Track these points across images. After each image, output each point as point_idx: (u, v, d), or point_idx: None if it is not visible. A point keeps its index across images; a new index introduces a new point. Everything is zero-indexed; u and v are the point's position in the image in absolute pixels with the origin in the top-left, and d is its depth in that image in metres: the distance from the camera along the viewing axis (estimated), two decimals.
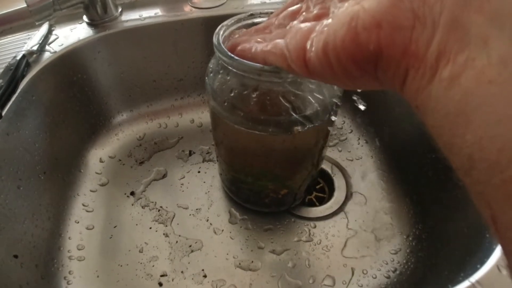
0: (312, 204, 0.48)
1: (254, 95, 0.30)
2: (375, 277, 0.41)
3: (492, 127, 0.12)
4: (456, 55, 0.13)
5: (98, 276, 0.42)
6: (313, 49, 0.19)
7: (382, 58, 0.16)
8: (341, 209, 0.47)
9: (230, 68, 0.29)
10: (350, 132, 0.56)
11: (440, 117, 0.14)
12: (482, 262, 0.29)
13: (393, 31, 0.15)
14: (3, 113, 0.40)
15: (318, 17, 0.22)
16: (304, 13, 0.25)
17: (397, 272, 0.42)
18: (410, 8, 0.15)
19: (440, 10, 0.14)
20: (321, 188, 0.51)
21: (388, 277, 0.41)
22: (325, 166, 0.52)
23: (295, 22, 0.25)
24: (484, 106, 0.12)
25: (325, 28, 0.19)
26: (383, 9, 0.15)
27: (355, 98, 0.34)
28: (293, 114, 0.29)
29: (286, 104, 0.29)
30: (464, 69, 0.13)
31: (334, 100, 0.31)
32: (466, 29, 0.13)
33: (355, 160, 0.53)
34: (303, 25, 0.22)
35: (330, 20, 0.19)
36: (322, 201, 0.49)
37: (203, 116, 0.59)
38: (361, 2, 0.17)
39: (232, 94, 0.31)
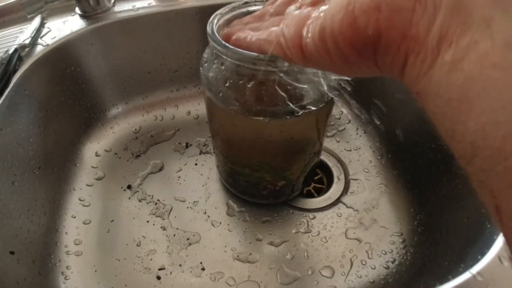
0: (310, 195, 0.48)
1: (249, 85, 0.29)
2: (374, 268, 0.41)
3: (496, 113, 0.12)
4: (458, 38, 0.13)
5: (96, 271, 0.42)
6: (309, 35, 0.19)
7: (381, 42, 0.16)
8: (339, 200, 0.47)
9: (225, 57, 0.28)
10: (348, 122, 0.56)
11: (442, 103, 0.14)
12: (482, 253, 0.29)
13: (392, 13, 0.15)
14: None
15: (315, 3, 0.22)
16: (300, 0, 0.24)
17: (396, 262, 0.42)
18: None
19: None
20: (319, 179, 0.50)
21: (387, 268, 0.41)
22: (324, 157, 0.51)
23: (291, 8, 0.24)
24: (488, 91, 0.12)
25: (322, 14, 0.18)
26: None
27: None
28: (290, 104, 0.29)
29: (282, 93, 0.28)
30: (466, 53, 0.13)
31: (332, 87, 0.30)
32: (469, 11, 0.13)
33: (353, 151, 0.52)
34: (299, 11, 0.21)
35: (327, 6, 0.18)
36: (320, 192, 0.48)
37: (199, 108, 0.58)
38: None
39: (227, 84, 0.30)
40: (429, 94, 0.15)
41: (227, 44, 0.27)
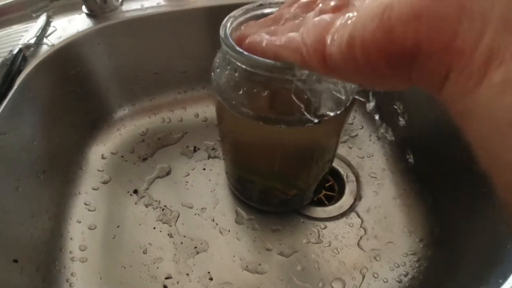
0: (321, 203, 0.47)
1: (264, 93, 0.28)
2: (386, 281, 0.40)
3: None
4: (510, 57, 0.12)
5: (101, 278, 0.41)
6: (335, 43, 0.17)
7: (420, 55, 0.14)
8: (351, 209, 0.46)
9: (239, 63, 0.27)
10: (361, 128, 0.54)
11: (489, 127, 0.13)
12: (505, 276, 0.27)
13: (435, 24, 0.13)
14: None
15: (338, 9, 0.20)
16: (320, 4, 0.23)
17: (409, 276, 0.40)
18: None
19: (491, 3, 0.12)
20: (330, 186, 0.49)
21: (400, 281, 0.40)
22: (335, 163, 0.50)
23: (310, 14, 0.23)
24: None
25: (349, 21, 0.17)
26: None
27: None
28: (306, 114, 0.27)
29: (299, 103, 0.27)
30: None
31: (352, 97, 0.29)
32: None
33: (366, 158, 0.51)
34: (321, 17, 0.20)
35: (355, 13, 0.17)
36: (331, 200, 0.47)
37: (208, 110, 0.57)
38: None
39: (240, 92, 0.29)
40: (473, 115, 0.13)
41: (241, 50, 0.26)
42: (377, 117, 0.36)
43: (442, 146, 0.42)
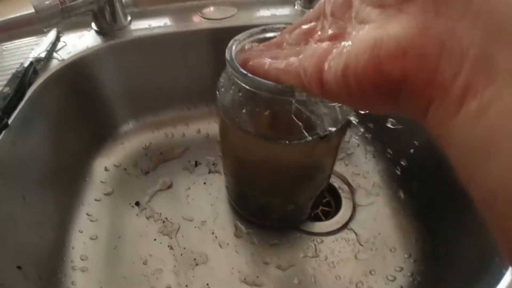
0: (318, 218, 0.48)
1: (266, 113, 0.29)
2: None
3: None
4: (483, 89, 0.13)
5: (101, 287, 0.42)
6: (331, 70, 0.19)
7: (405, 86, 0.16)
8: (347, 224, 0.47)
9: (243, 84, 0.28)
10: (357, 146, 0.56)
11: (464, 151, 0.14)
12: (491, 287, 0.29)
13: (419, 60, 0.15)
14: (10, 121, 0.39)
15: (335, 38, 0.22)
16: (319, 32, 0.24)
17: None
18: (437, 38, 0.14)
19: (469, 42, 0.14)
20: (327, 202, 0.50)
21: None
22: (332, 180, 0.51)
23: (310, 41, 0.24)
24: (511, 141, 0.12)
25: (345, 50, 0.18)
26: (409, 36, 0.15)
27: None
28: (305, 132, 0.29)
29: (298, 123, 0.28)
30: (491, 104, 0.13)
31: (348, 117, 0.31)
32: (495, 63, 0.13)
33: (361, 175, 0.52)
34: (319, 44, 0.21)
35: (349, 42, 0.18)
36: (328, 215, 0.48)
37: (210, 127, 0.59)
38: (384, 26, 0.17)
39: (243, 111, 0.31)
40: (451, 140, 0.15)
41: (245, 72, 0.27)
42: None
43: (434, 165, 0.43)
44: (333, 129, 0.29)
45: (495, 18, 0.13)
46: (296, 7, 0.55)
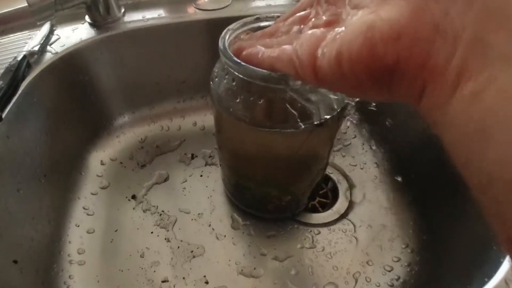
0: (315, 209, 0.48)
1: (260, 102, 0.29)
2: (379, 285, 0.41)
3: None
4: (478, 72, 0.13)
5: (98, 281, 0.42)
6: (325, 57, 0.18)
7: (399, 71, 0.16)
8: (344, 215, 0.47)
9: (236, 73, 0.28)
10: (354, 138, 0.56)
11: (459, 134, 0.14)
12: (489, 276, 0.29)
13: (412, 43, 0.15)
14: (3, 115, 0.39)
15: (329, 24, 0.22)
16: (313, 19, 0.24)
17: (401, 280, 0.41)
18: (431, 21, 0.14)
19: (462, 26, 0.13)
20: (324, 193, 0.50)
21: (392, 285, 0.41)
22: (329, 171, 0.51)
23: (304, 28, 0.24)
24: (506, 124, 0.12)
25: (338, 36, 0.18)
26: (402, 20, 0.15)
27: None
28: (299, 121, 0.29)
29: (292, 111, 0.28)
30: (486, 86, 0.13)
31: (343, 105, 0.30)
32: (489, 46, 0.13)
33: (358, 166, 0.52)
34: (313, 31, 0.21)
35: (343, 28, 0.18)
36: (325, 207, 0.48)
37: (206, 119, 0.58)
38: (377, 10, 0.16)
39: (237, 100, 0.30)
40: (446, 124, 0.15)
41: (239, 61, 0.27)
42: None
43: (431, 156, 0.43)
44: (328, 116, 0.28)
45: (489, 1, 0.13)
46: None
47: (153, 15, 0.52)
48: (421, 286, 0.39)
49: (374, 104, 0.50)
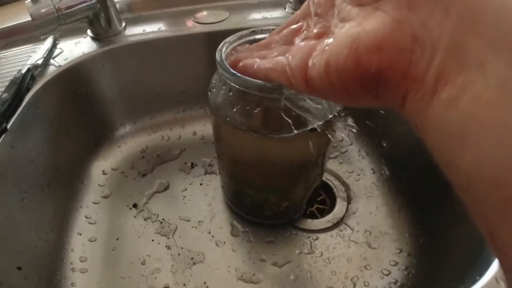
0: (313, 216, 0.48)
1: (256, 110, 0.30)
2: None
3: (489, 148, 0.13)
4: (454, 78, 0.14)
5: None
6: (315, 67, 0.19)
7: (383, 79, 0.17)
8: (342, 221, 0.48)
9: (233, 84, 0.29)
10: (351, 145, 0.57)
11: (439, 137, 0.15)
12: (481, 274, 0.29)
13: (393, 54, 0.16)
14: (8, 126, 0.40)
15: (319, 36, 0.23)
16: (305, 31, 0.25)
17: (399, 283, 0.42)
18: (410, 32, 0.15)
19: (439, 34, 0.14)
20: (322, 199, 0.51)
21: None
22: (326, 178, 0.52)
23: (296, 39, 0.25)
24: (481, 127, 0.13)
25: (327, 48, 0.19)
26: (384, 32, 0.16)
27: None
28: (294, 129, 0.30)
29: (287, 119, 0.29)
30: (462, 92, 0.14)
31: (336, 113, 0.31)
32: (465, 53, 0.14)
33: (355, 172, 0.53)
34: (304, 43, 0.22)
35: (331, 40, 0.19)
36: (323, 213, 0.49)
37: (205, 129, 0.60)
38: (362, 23, 0.17)
39: (234, 109, 0.32)
40: (427, 128, 0.16)
41: (235, 72, 0.28)
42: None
43: (426, 162, 0.44)
44: (320, 123, 0.29)
45: (466, 10, 0.14)
46: (286, 9, 0.56)
47: (153, 29, 0.54)
48: None
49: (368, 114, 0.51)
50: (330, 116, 0.31)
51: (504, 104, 0.13)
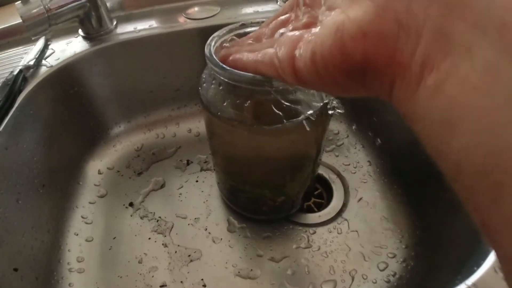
0: (310, 210, 0.48)
1: (246, 104, 0.30)
2: (375, 282, 0.41)
3: (477, 134, 0.12)
4: (440, 63, 0.13)
5: None
6: (301, 58, 0.19)
7: (369, 67, 0.16)
8: (339, 214, 0.47)
9: (222, 78, 0.29)
10: (346, 137, 0.56)
11: (427, 125, 0.15)
12: (478, 265, 0.29)
13: (378, 41, 0.15)
14: (1, 128, 0.40)
15: (307, 26, 0.22)
16: (293, 22, 0.25)
17: (397, 276, 0.42)
18: (394, 18, 0.15)
19: (423, 19, 0.14)
20: (319, 194, 0.51)
21: (388, 282, 0.41)
22: (323, 171, 0.52)
23: (284, 30, 0.25)
24: (468, 113, 0.13)
25: (312, 37, 0.19)
26: (368, 19, 0.16)
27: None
28: (285, 121, 0.29)
29: (278, 112, 0.29)
30: (448, 77, 0.13)
31: (328, 104, 0.31)
32: (450, 37, 0.13)
33: (352, 165, 0.53)
34: (291, 33, 0.22)
35: (317, 29, 0.19)
36: (320, 207, 0.49)
37: (200, 126, 0.59)
38: (346, 10, 0.17)
39: (225, 104, 0.31)
40: (414, 115, 0.15)
41: (224, 66, 0.28)
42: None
43: (423, 153, 0.44)
44: (310, 111, 0.29)
45: None
46: (278, 3, 0.56)
47: (144, 26, 0.53)
48: (417, 281, 0.40)
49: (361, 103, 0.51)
50: (321, 104, 0.30)
51: (491, 89, 0.12)
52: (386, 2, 0.15)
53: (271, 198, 0.43)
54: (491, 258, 0.29)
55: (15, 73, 0.46)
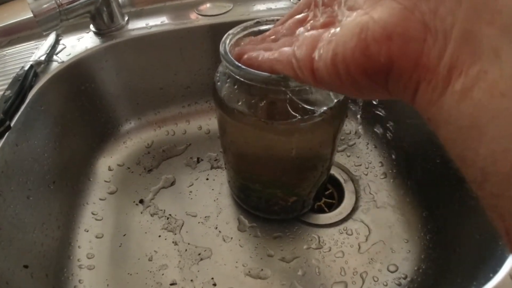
0: (321, 210, 0.48)
1: (262, 104, 0.30)
2: (386, 285, 0.41)
3: (505, 140, 0.12)
4: (468, 67, 0.13)
5: (107, 285, 0.42)
6: (321, 58, 0.19)
7: (393, 70, 0.16)
8: (350, 215, 0.47)
9: (237, 77, 0.28)
10: (359, 137, 0.56)
11: (453, 130, 0.14)
12: (494, 271, 0.29)
13: (404, 43, 0.15)
14: (12, 124, 0.40)
15: (325, 25, 0.22)
16: (311, 21, 0.24)
17: (408, 279, 0.41)
18: (421, 20, 0.14)
19: (452, 23, 0.14)
20: (330, 194, 0.50)
21: (399, 284, 0.41)
22: (334, 171, 0.51)
23: (302, 30, 0.24)
24: (496, 119, 0.12)
25: (333, 38, 0.18)
26: (393, 21, 0.15)
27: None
28: (300, 117, 0.29)
29: (293, 112, 0.29)
30: (476, 82, 0.13)
31: (343, 105, 0.31)
32: (478, 41, 0.13)
33: (364, 166, 0.52)
34: (310, 33, 0.21)
35: (338, 29, 0.18)
36: (331, 207, 0.48)
37: (210, 123, 0.59)
38: (370, 11, 0.17)
39: (239, 103, 0.31)
40: (440, 120, 0.15)
41: (239, 64, 0.28)
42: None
43: (436, 153, 0.43)
44: (324, 108, 0.29)
45: None
46: (291, 0, 0.55)
47: (156, 22, 0.53)
48: (428, 284, 0.39)
49: (377, 103, 0.50)
50: (335, 100, 0.30)
51: None
52: (413, 3, 0.15)
53: (283, 198, 0.42)
54: (508, 265, 0.29)
55: (26, 68, 0.46)
